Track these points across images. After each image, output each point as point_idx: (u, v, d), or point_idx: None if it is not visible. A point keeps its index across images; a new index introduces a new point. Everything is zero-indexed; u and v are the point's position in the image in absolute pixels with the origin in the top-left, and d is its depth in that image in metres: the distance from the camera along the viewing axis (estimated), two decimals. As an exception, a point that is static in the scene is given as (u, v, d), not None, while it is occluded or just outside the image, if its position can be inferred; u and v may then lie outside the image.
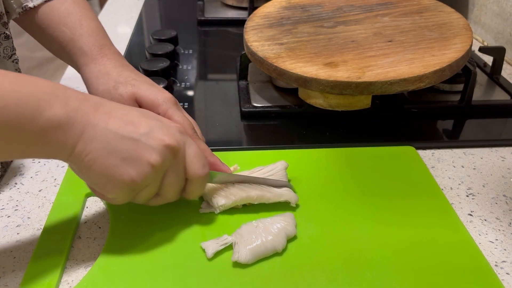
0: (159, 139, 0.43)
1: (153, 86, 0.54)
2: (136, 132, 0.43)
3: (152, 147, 0.43)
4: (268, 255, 0.46)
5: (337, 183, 0.56)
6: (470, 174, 0.59)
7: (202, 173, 0.47)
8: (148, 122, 0.44)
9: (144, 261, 0.46)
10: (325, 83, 0.61)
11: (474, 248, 0.48)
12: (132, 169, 0.42)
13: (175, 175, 0.46)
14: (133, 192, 0.44)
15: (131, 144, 0.42)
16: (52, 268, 0.45)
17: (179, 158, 0.45)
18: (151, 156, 0.43)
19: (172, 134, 0.45)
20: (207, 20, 1.03)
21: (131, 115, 0.44)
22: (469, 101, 0.69)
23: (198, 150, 0.47)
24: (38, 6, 0.58)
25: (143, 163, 0.43)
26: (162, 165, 0.44)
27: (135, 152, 0.42)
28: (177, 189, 0.47)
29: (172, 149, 0.44)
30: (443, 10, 0.76)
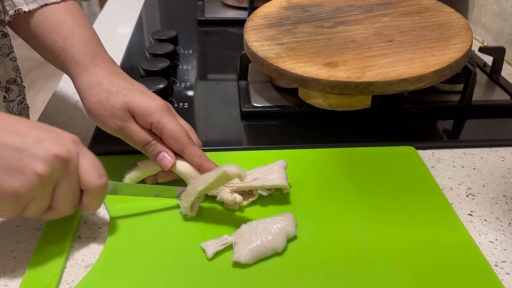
0: (47, 149, 0.41)
1: (146, 94, 0.53)
2: (21, 141, 0.41)
3: (39, 156, 0.41)
4: (268, 255, 0.46)
5: (337, 183, 0.56)
6: (470, 174, 0.59)
7: (97, 184, 0.44)
8: (37, 133, 0.42)
9: (144, 261, 0.46)
10: (325, 83, 0.61)
11: (474, 248, 0.48)
12: (15, 179, 0.40)
13: (67, 186, 0.43)
14: (19, 204, 0.42)
15: (14, 153, 0.40)
16: (52, 268, 0.45)
17: (71, 168, 0.43)
18: (37, 166, 0.40)
19: (63, 144, 0.42)
20: (207, 20, 1.03)
21: (20, 125, 0.42)
22: (469, 101, 0.69)
23: (94, 160, 0.45)
24: (32, 11, 0.57)
25: (28, 173, 0.40)
26: (50, 176, 0.41)
27: (19, 161, 0.40)
28: (70, 201, 0.45)
29: (62, 159, 0.42)
30: (443, 10, 0.76)
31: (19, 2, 0.56)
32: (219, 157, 0.60)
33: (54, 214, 0.45)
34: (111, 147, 0.59)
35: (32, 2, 0.57)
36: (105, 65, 0.56)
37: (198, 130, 0.67)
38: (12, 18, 0.57)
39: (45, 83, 2.56)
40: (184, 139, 0.52)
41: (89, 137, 0.64)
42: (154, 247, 0.48)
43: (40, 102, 2.40)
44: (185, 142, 0.52)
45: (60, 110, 0.72)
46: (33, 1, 0.57)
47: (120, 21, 1.08)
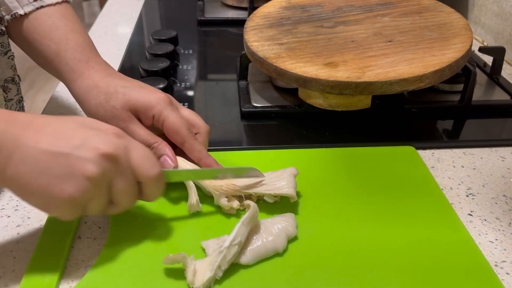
0: (94, 149, 0.41)
1: (144, 88, 0.53)
2: (67, 146, 0.41)
3: (86, 159, 0.41)
4: (269, 255, 0.46)
5: (337, 182, 0.56)
6: (470, 174, 0.59)
7: (152, 174, 0.44)
8: (82, 133, 0.42)
9: (144, 261, 0.46)
10: (325, 83, 0.61)
11: (474, 248, 0.48)
12: (68, 185, 0.40)
13: (124, 181, 0.43)
14: (77, 207, 0.42)
15: (63, 159, 0.40)
16: (52, 268, 0.45)
17: (122, 164, 0.43)
18: (86, 168, 0.40)
19: (108, 141, 0.42)
20: (207, 20, 1.04)
21: (65, 128, 0.42)
22: (469, 101, 0.69)
23: (144, 151, 0.45)
24: (27, 15, 0.56)
25: (79, 177, 0.40)
26: (101, 176, 0.41)
27: (69, 167, 0.40)
28: (130, 195, 0.45)
29: (110, 157, 0.42)
30: (443, 10, 0.76)
31: (14, 6, 0.56)
32: (219, 157, 0.60)
33: (117, 208, 0.45)
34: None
35: (27, 4, 0.56)
36: (99, 67, 0.55)
37: (198, 130, 0.67)
38: (9, 23, 0.57)
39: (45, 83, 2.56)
40: (185, 133, 0.52)
41: (89, 137, 0.64)
42: (154, 247, 0.48)
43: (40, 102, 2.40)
44: (185, 135, 0.52)
45: (60, 110, 0.72)
46: (28, 4, 0.56)
47: (120, 21, 1.08)
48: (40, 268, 0.45)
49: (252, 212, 0.46)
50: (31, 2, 0.57)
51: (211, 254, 0.45)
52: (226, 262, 0.44)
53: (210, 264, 0.43)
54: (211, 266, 0.43)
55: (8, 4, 0.56)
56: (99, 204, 0.43)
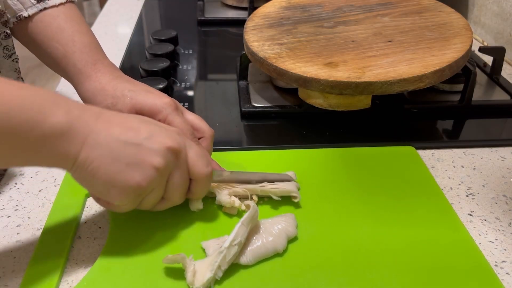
0: (160, 142, 0.44)
1: (151, 93, 0.54)
2: (137, 137, 0.43)
3: (154, 150, 0.43)
4: (269, 256, 0.46)
5: (337, 183, 0.56)
6: (470, 174, 0.59)
7: (206, 171, 0.47)
8: (148, 127, 0.45)
9: (144, 261, 0.46)
10: (325, 83, 0.61)
11: (474, 248, 0.48)
12: (137, 173, 0.43)
13: (180, 176, 0.46)
14: (139, 197, 0.45)
15: (133, 149, 0.43)
16: (52, 268, 0.45)
17: (182, 159, 0.46)
18: (154, 159, 0.43)
19: (172, 137, 0.45)
20: (207, 20, 1.04)
21: (131, 122, 0.45)
22: (469, 101, 0.69)
23: (199, 149, 0.48)
24: (32, 16, 0.57)
25: (147, 167, 0.43)
26: (165, 167, 0.44)
27: (139, 156, 0.43)
28: (182, 190, 0.48)
29: (174, 151, 0.45)
30: (443, 10, 0.76)
31: (18, 8, 0.56)
32: (219, 157, 0.60)
33: (168, 203, 0.48)
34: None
35: (31, 6, 0.57)
36: (106, 69, 0.56)
37: (198, 130, 0.67)
38: (14, 25, 0.58)
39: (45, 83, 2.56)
40: (189, 137, 0.52)
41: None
42: (154, 247, 0.48)
43: (40, 102, 2.40)
44: None
45: (60, 110, 0.72)
46: (32, 6, 0.57)
47: (120, 21, 1.08)
48: (40, 268, 0.45)
49: (252, 212, 0.46)
50: (35, 4, 0.57)
51: (211, 254, 0.45)
52: (226, 262, 0.44)
53: (210, 264, 0.43)
54: (211, 266, 0.43)
55: (12, 7, 0.57)
56: (155, 196, 0.46)
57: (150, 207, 0.47)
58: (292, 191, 0.52)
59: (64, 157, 0.41)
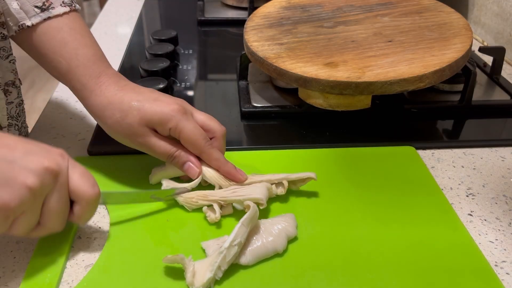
0: (37, 162, 0.41)
1: (158, 101, 0.52)
2: (10, 154, 0.41)
3: (29, 169, 0.41)
4: (269, 256, 0.46)
5: (337, 183, 0.56)
6: (470, 174, 0.59)
7: (91, 193, 0.45)
8: (25, 146, 0.42)
9: (144, 261, 0.46)
10: (325, 83, 0.61)
11: (474, 248, 0.48)
12: (5, 192, 0.39)
13: (57, 200, 0.43)
14: (8, 218, 0.41)
15: (4, 166, 0.40)
16: (52, 268, 0.45)
17: (61, 182, 0.43)
18: (27, 178, 0.40)
19: (52, 157, 0.43)
20: (207, 20, 1.04)
21: (7, 139, 0.42)
22: (469, 101, 0.69)
23: (84, 171, 0.45)
24: (36, 26, 0.56)
25: (18, 186, 0.40)
26: (40, 188, 0.41)
27: (10, 173, 0.40)
28: (60, 216, 0.44)
29: (52, 172, 0.42)
30: (443, 10, 0.76)
31: (21, 17, 0.56)
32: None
33: (43, 230, 0.44)
34: (111, 147, 0.59)
35: (34, 16, 0.56)
36: (111, 81, 0.55)
37: (198, 130, 0.67)
38: (17, 33, 0.57)
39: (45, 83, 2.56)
40: (202, 143, 0.52)
41: (89, 138, 0.64)
42: (154, 247, 0.48)
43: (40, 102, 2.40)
44: (202, 146, 0.52)
45: (60, 110, 0.72)
46: (36, 15, 0.56)
47: (120, 21, 1.08)
48: (40, 268, 0.45)
49: (252, 212, 0.46)
50: (38, 13, 0.56)
51: (211, 255, 0.45)
52: (226, 263, 0.44)
53: (210, 264, 0.43)
54: (211, 266, 0.43)
55: (15, 15, 0.56)
56: (28, 220, 0.42)
57: (22, 232, 0.43)
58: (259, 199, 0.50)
59: None
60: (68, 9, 0.57)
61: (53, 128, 0.67)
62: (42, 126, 0.68)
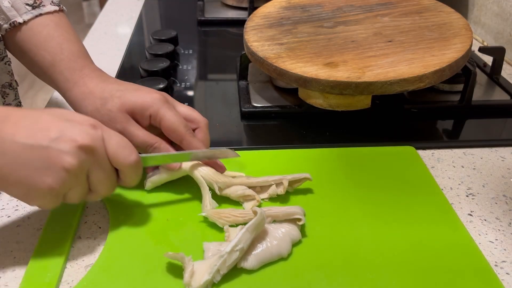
0: (71, 141, 0.42)
1: (139, 90, 0.53)
2: (45, 138, 0.42)
3: (64, 151, 0.42)
4: (273, 260, 0.46)
5: (337, 182, 0.56)
6: (470, 174, 0.59)
7: (130, 161, 0.46)
8: (58, 125, 0.43)
9: (144, 261, 0.46)
10: (325, 83, 0.61)
11: (474, 248, 0.48)
12: (47, 176, 0.42)
13: (100, 171, 0.45)
14: (57, 197, 0.44)
15: (42, 152, 0.42)
16: (52, 268, 0.45)
17: (98, 154, 0.44)
18: (64, 160, 0.42)
19: (85, 133, 0.44)
20: (207, 20, 1.04)
21: (41, 122, 0.43)
22: (469, 101, 0.69)
23: (120, 139, 0.46)
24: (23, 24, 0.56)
25: (58, 169, 0.42)
26: (79, 167, 0.43)
27: (48, 159, 0.42)
28: (107, 183, 0.46)
29: (87, 148, 0.43)
30: (443, 10, 0.76)
31: (13, 15, 0.56)
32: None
33: (96, 196, 0.47)
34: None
35: (26, 13, 0.56)
36: (94, 74, 0.56)
37: (198, 130, 0.67)
38: (7, 31, 0.57)
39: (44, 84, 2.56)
40: (182, 131, 0.52)
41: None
42: (154, 247, 0.48)
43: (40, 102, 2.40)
44: (183, 133, 0.52)
45: (60, 110, 0.72)
46: (27, 12, 0.56)
47: (120, 21, 1.08)
48: (40, 268, 0.45)
49: (258, 219, 0.45)
50: (30, 11, 0.56)
51: (210, 257, 0.45)
52: (226, 267, 0.44)
53: (209, 267, 0.43)
54: (210, 269, 0.43)
55: (6, 13, 0.56)
56: (78, 192, 0.45)
57: (77, 201, 0.46)
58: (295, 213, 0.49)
59: None
60: (57, 8, 0.58)
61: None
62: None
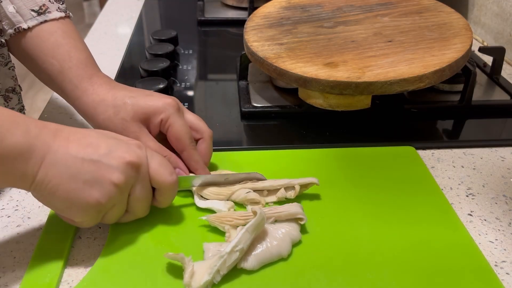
0: (119, 158, 0.44)
1: (151, 96, 0.54)
2: (96, 153, 0.43)
3: (113, 166, 0.43)
4: (273, 260, 0.46)
5: (337, 183, 0.56)
6: (470, 174, 0.59)
7: (170, 180, 0.47)
8: (107, 142, 0.45)
9: (144, 262, 0.46)
10: (325, 83, 0.61)
11: (474, 248, 0.48)
12: (95, 190, 0.43)
13: (142, 189, 0.46)
14: (100, 213, 0.45)
15: (92, 166, 0.43)
16: (52, 268, 0.45)
17: (143, 172, 0.46)
18: (113, 175, 0.43)
19: (132, 151, 0.45)
20: (207, 20, 1.04)
21: (90, 138, 0.45)
22: (469, 101, 0.69)
23: (162, 159, 0.48)
24: (30, 29, 0.56)
25: (106, 183, 0.43)
26: (125, 183, 0.44)
27: (97, 173, 0.43)
28: (145, 203, 0.48)
29: (134, 165, 0.45)
30: (443, 10, 0.76)
31: (17, 21, 0.56)
32: (219, 157, 0.60)
33: (131, 217, 0.48)
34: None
35: (31, 19, 0.56)
36: (102, 81, 0.56)
37: (198, 130, 0.67)
38: (11, 36, 0.57)
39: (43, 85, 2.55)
40: (186, 142, 0.53)
41: (89, 138, 0.64)
42: (155, 248, 0.48)
43: (40, 102, 2.40)
44: (186, 144, 0.53)
45: (60, 110, 0.72)
46: (32, 18, 0.56)
47: (120, 21, 1.08)
48: (40, 268, 0.45)
49: (258, 220, 0.45)
50: (35, 17, 0.56)
51: (210, 258, 0.45)
52: (226, 268, 0.43)
53: (209, 267, 0.43)
54: (210, 269, 0.43)
55: (11, 19, 0.56)
56: (118, 211, 0.46)
57: (113, 220, 0.47)
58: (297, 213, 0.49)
59: (22, 177, 0.41)
60: (63, 14, 0.58)
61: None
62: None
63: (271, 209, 0.49)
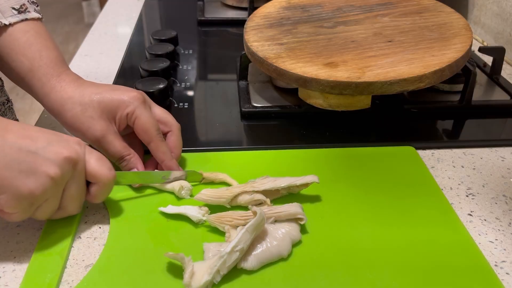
0: (57, 152, 0.44)
1: (117, 90, 0.55)
2: (33, 145, 0.44)
3: (50, 159, 0.44)
4: (273, 260, 0.46)
5: (337, 183, 0.56)
6: (470, 174, 0.59)
7: (108, 175, 0.48)
8: (46, 137, 0.45)
9: (144, 261, 0.46)
10: (325, 83, 0.61)
11: (474, 248, 0.48)
12: (30, 181, 0.43)
13: (76, 186, 0.47)
14: (32, 206, 0.44)
15: (29, 156, 0.43)
16: (52, 268, 0.45)
17: (79, 169, 0.46)
18: (50, 168, 0.43)
19: (71, 147, 0.45)
20: (207, 20, 1.04)
21: (29, 130, 0.45)
22: (469, 101, 0.69)
23: (100, 155, 0.49)
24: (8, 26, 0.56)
25: (42, 175, 0.43)
26: (61, 177, 0.44)
27: (34, 164, 0.43)
28: (78, 201, 0.48)
29: (71, 161, 0.45)
30: (443, 10, 0.76)
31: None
32: (219, 157, 0.60)
33: (63, 213, 0.48)
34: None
35: (12, 16, 0.57)
36: (71, 79, 0.56)
37: (198, 130, 0.67)
38: None
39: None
40: (153, 133, 0.54)
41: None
42: (154, 248, 0.48)
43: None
44: (153, 136, 0.54)
45: (60, 110, 0.72)
46: (13, 15, 0.57)
47: (120, 21, 1.08)
48: (40, 268, 0.45)
49: (257, 220, 0.45)
50: (16, 14, 0.57)
51: (210, 258, 0.45)
52: (226, 268, 0.43)
53: (209, 267, 0.43)
54: (210, 269, 0.43)
55: None
56: (50, 206, 0.46)
57: (45, 216, 0.47)
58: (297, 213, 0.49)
59: None
60: (40, 15, 0.59)
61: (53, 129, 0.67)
62: (42, 126, 0.68)
63: (271, 209, 0.49)
